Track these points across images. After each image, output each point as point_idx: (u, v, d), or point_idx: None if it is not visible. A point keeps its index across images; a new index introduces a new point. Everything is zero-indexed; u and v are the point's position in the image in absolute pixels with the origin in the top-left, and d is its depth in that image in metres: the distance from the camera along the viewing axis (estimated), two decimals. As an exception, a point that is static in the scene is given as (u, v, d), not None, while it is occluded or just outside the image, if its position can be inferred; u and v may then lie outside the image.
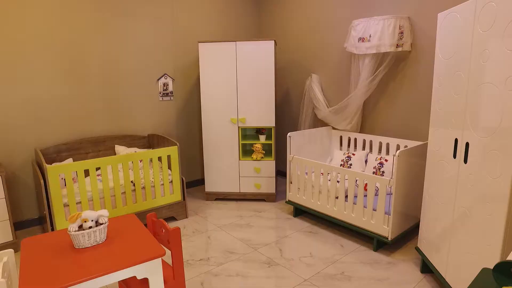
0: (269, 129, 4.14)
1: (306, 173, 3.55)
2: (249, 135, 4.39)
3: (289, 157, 3.66)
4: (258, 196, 4.17)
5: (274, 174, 4.08)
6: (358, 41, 3.43)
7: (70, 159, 3.61)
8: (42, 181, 2.90)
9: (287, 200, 3.76)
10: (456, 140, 2.14)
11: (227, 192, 4.20)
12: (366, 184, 3.10)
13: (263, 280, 2.62)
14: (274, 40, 3.80)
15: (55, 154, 3.60)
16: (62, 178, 3.25)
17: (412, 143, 3.33)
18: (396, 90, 3.53)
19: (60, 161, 3.63)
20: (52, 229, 3.01)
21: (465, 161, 2.04)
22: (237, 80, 3.92)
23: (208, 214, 3.86)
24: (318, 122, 4.30)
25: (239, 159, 4.08)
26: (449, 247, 2.23)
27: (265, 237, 3.28)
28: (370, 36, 3.33)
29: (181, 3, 4.29)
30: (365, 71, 3.51)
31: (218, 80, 3.94)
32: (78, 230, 1.72)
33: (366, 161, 3.64)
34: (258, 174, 4.09)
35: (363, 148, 3.87)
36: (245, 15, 4.88)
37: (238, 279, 2.63)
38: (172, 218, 3.72)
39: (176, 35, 4.31)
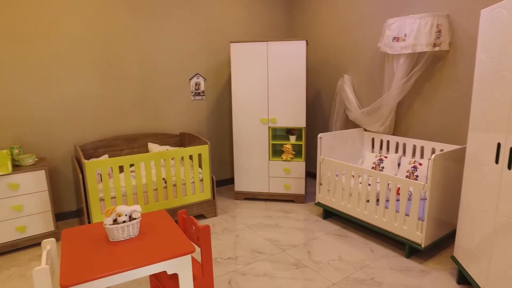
0: (300, 129, 4.11)
1: (337, 175, 3.49)
2: (279, 136, 4.38)
3: (319, 158, 3.62)
4: (287, 197, 4.15)
5: (303, 175, 4.05)
6: (393, 41, 3.34)
7: (106, 155, 3.76)
8: (80, 175, 3.04)
9: (316, 201, 3.72)
10: (498, 145, 2.03)
11: (256, 192, 4.21)
12: (398, 188, 3.01)
13: (290, 282, 2.60)
14: (306, 40, 3.77)
15: (92, 150, 3.76)
16: (98, 174, 3.39)
17: (448, 147, 3.20)
18: (432, 91, 3.40)
19: (97, 157, 3.78)
20: (89, 222, 3.14)
21: (509, 167, 1.93)
22: (268, 80, 3.92)
23: (237, 213, 3.89)
24: (349, 124, 4.22)
25: (269, 159, 4.08)
26: (490, 259, 2.11)
27: (294, 238, 3.26)
28: (405, 36, 3.22)
29: (214, 4, 4.35)
30: (399, 72, 3.41)
31: (249, 80, 3.96)
32: (112, 224, 1.78)
33: (399, 165, 3.53)
34: (288, 174, 4.07)
35: (396, 151, 3.75)
36: (277, 15, 4.88)
37: (266, 280, 2.63)
38: (201, 216, 3.78)
39: (208, 35, 4.37)
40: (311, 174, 5.08)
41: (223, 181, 4.85)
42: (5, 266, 2.90)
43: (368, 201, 3.15)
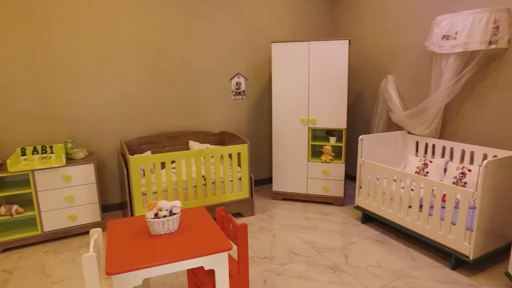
0: (340, 131, 4.03)
1: (378, 179, 3.38)
2: (319, 136, 4.33)
3: (359, 161, 3.52)
4: (325, 199, 4.09)
5: (343, 178, 3.97)
6: (442, 39, 3.17)
7: (149, 152, 3.91)
8: (125, 170, 3.19)
9: (355, 205, 3.63)
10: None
11: (294, 193, 4.19)
12: (444, 195, 2.85)
13: (326, 285, 2.56)
14: (349, 40, 3.68)
15: (136, 146, 3.93)
16: (141, 169, 3.54)
17: (503, 153, 2.98)
18: (485, 92, 3.19)
19: (140, 153, 3.95)
20: (132, 215, 3.29)
21: None
22: (309, 80, 3.88)
23: (274, 213, 3.89)
24: (392, 126, 4.07)
25: (308, 160, 4.04)
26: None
27: (331, 241, 3.21)
28: (456, 33, 3.05)
29: (255, 4, 4.38)
30: (448, 72, 3.23)
31: (290, 80, 3.94)
32: (154, 218, 1.86)
33: (445, 170, 3.35)
34: (327, 176, 4.01)
35: (442, 156, 3.56)
36: (318, 14, 4.81)
37: (301, 281, 2.61)
38: (239, 214, 3.82)
39: (249, 35, 4.41)
40: (350, 177, 4.96)
41: (261, 180, 4.88)
42: (59, 251, 3.12)
43: (410, 207, 3.02)
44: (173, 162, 3.86)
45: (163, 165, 3.96)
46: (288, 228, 3.51)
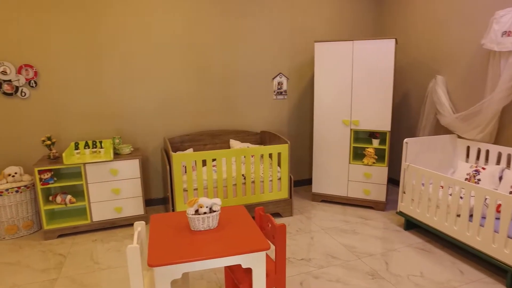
0: (384, 133, 3.89)
1: (423, 184, 3.23)
2: (361, 138, 4.21)
3: (404, 165, 3.38)
4: (366, 202, 3.97)
5: (385, 182, 3.83)
6: (502, 36, 2.95)
7: (191, 149, 4.02)
8: (168, 166, 3.30)
9: (398, 211, 3.49)
10: None
11: (333, 195, 4.11)
12: (499, 205, 2.66)
13: (365, 292, 2.49)
14: (395, 39, 3.54)
15: (179, 144, 4.05)
16: (183, 166, 3.64)
17: None
18: (549, 96, 2.93)
19: (183, 150, 4.07)
20: (173, 210, 3.40)
21: None
22: (352, 80, 3.79)
23: (312, 214, 3.84)
24: (440, 129, 3.86)
25: (349, 163, 3.95)
26: None
27: (371, 247, 3.11)
28: (518, 31, 2.83)
29: (298, 3, 4.34)
30: (508, 72, 3.01)
31: (333, 80, 3.87)
32: (194, 214, 1.90)
33: (500, 178, 3.12)
34: (368, 179, 3.89)
35: (498, 162, 3.32)
36: (363, 12, 4.67)
37: (338, 286, 2.56)
38: (277, 215, 3.81)
39: (292, 34, 4.38)
40: (393, 181, 4.78)
41: (301, 181, 4.84)
42: (105, 240, 3.30)
43: (458, 215, 2.85)
44: (214, 160, 3.93)
45: (204, 162, 4.05)
46: (327, 230, 3.45)
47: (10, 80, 3.45)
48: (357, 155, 4.19)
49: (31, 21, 3.43)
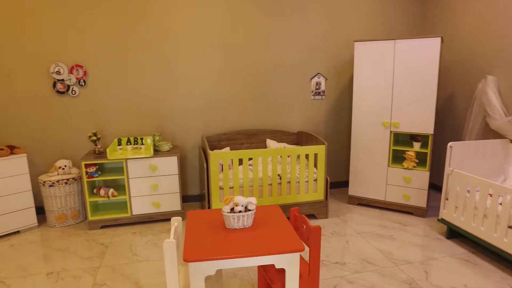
0: (426, 136, 3.72)
1: (468, 191, 3.05)
2: (401, 141, 4.06)
3: (447, 170, 3.22)
4: (405, 208, 3.82)
5: (426, 187, 3.66)
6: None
7: (228, 148, 4.07)
8: (205, 164, 3.37)
9: (439, 218, 3.33)
10: None
11: (371, 199, 4.00)
12: (554, 216, 2.46)
13: (402, 300, 2.40)
14: (441, 37, 3.38)
15: (216, 142, 4.12)
16: (220, 164, 3.69)
17: None
18: None
19: (220, 148, 4.13)
20: (209, 207, 3.46)
21: None
22: (393, 81, 3.66)
23: (348, 217, 3.76)
24: (489, 133, 3.63)
25: (388, 166, 3.82)
26: None
27: (409, 254, 2.99)
28: None
29: (338, 2, 4.25)
30: None
31: (373, 81, 3.76)
32: (230, 212, 1.93)
33: (557, 187, 2.88)
34: (408, 184, 3.74)
35: (555, 171, 3.07)
36: (406, 10, 4.49)
37: (374, 292, 2.48)
38: (312, 216, 3.77)
39: (331, 34, 4.31)
40: (435, 187, 4.56)
41: (337, 183, 4.75)
42: (143, 233, 3.43)
43: (510, 227, 2.66)
44: (250, 159, 3.96)
45: (240, 161, 4.09)
46: (363, 234, 3.37)
47: (63, 80, 3.69)
48: (397, 158, 4.04)
49: (81, 24, 3.64)
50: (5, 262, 2.94)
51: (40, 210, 3.76)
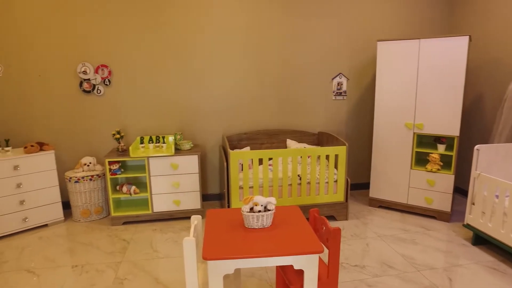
0: (451, 138, 3.61)
1: (497, 196, 2.94)
2: (425, 143, 3.96)
3: (474, 173, 3.11)
4: (428, 211, 3.73)
5: (451, 191, 3.56)
6: None
7: (248, 148, 4.08)
8: (225, 163, 3.39)
9: (465, 223, 3.22)
10: None
11: (392, 201, 3.92)
12: None
13: (424, 307, 2.34)
14: (469, 36, 3.27)
15: (236, 142, 4.14)
16: (240, 163, 3.71)
17: None
18: None
19: (240, 148, 4.15)
20: (228, 206, 3.48)
21: None
22: (417, 81, 3.57)
23: (369, 220, 3.70)
24: (521, 136, 3.49)
25: (411, 168, 3.73)
26: None
27: (432, 260, 2.91)
28: None
29: (361, 1, 4.18)
30: None
31: (396, 81, 3.69)
32: (249, 212, 1.93)
33: None
34: (431, 187, 3.65)
35: None
36: (432, 8, 4.36)
37: (395, 297, 2.43)
38: (332, 218, 3.73)
39: (353, 33, 4.25)
40: (460, 191, 4.42)
41: (358, 185, 4.68)
42: (164, 231, 3.49)
43: (539, 233, 2.55)
44: (270, 159, 3.96)
45: (260, 161, 4.10)
46: (384, 238, 3.30)
47: (89, 79, 3.80)
48: (420, 160, 3.94)
49: (107, 25, 3.73)
50: (35, 254, 3.06)
51: (66, 205, 3.89)
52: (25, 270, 2.82)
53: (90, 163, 3.70)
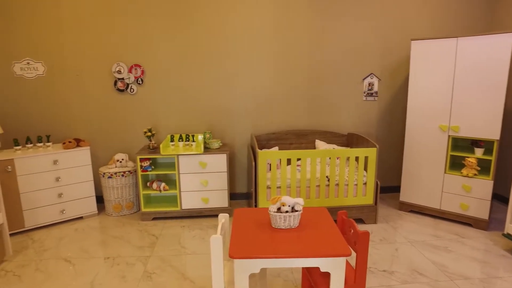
0: (490, 142, 3.44)
1: (539, 204, 2.77)
2: (460, 146, 3.79)
3: (515, 180, 2.95)
4: (463, 218, 3.57)
5: (489, 197, 3.39)
6: None
7: (276, 147, 4.08)
8: (253, 163, 3.40)
9: (505, 232, 3.06)
10: None
11: (424, 206, 3.79)
12: None
13: (457, 317, 2.24)
14: (514, 35, 3.10)
15: (265, 141, 4.14)
16: (268, 163, 3.71)
17: None
18: None
19: (269, 148, 4.15)
20: (255, 205, 3.49)
21: None
22: (454, 82, 3.43)
23: (399, 224, 3.60)
24: None
25: (445, 172, 3.59)
26: None
27: (467, 269, 2.78)
28: None
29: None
30: None
31: (431, 82, 3.55)
32: (276, 212, 1.93)
33: None
34: (467, 193, 3.49)
35: None
36: (471, 4, 4.16)
37: (426, 305, 2.35)
38: (360, 221, 3.66)
39: (385, 33, 4.13)
40: (499, 197, 4.20)
41: (388, 188, 4.56)
42: (191, 227, 3.55)
43: None
44: (298, 159, 3.93)
45: (289, 161, 4.08)
46: (414, 243, 3.19)
47: (123, 78, 3.93)
48: (455, 164, 3.78)
49: (141, 26, 3.85)
50: (71, 244, 3.22)
51: (99, 199, 4.04)
52: (62, 258, 2.96)
53: (122, 159, 3.83)
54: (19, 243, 3.25)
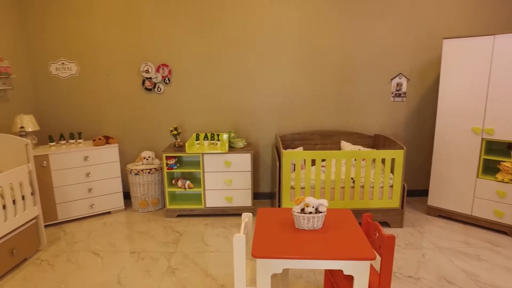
0: (527, 146, 3.27)
1: None
2: (495, 150, 3.63)
3: (554, 186, 2.79)
4: (496, 226, 3.41)
5: (525, 204, 3.22)
6: None
7: (301, 148, 4.05)
8: (277, 163, 3.39)
9: (540, 240, 2.90)
10: None
11: (453, 211, 3.65)
12: None
13: (488, 328, 2.15)
14: (556, 33, 2.93)
15: (289, 142, 4.13)
16: (292, 163, 3.69)
17: None
18: None
19: (293, 148, 4.13)
20: (279, 205, 3.48)
21: None
22: (489, 82, 3.28)
23: (426, 229, 3.48)
24: None
25: (477, 177, 3.44)
26: None
27: (501, 280, 2.66)
28: None
29: (430, -3, 3.94)
30: None
31: (463, 82, 3.42)
32: (300, 213, 1.92)
33: None
34: (502, 199, 3.33)
35: None
36: (505, 2, 3.97)
37: (454, 314, 2.26)
38: (385, 224, 3.57)
39: (414, 31, 4.01)
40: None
41: (415, 191, 4.43)
42: (215, 225, 3.59)
43: None
44: (323, 160, 3.89)
45: (313, 162, 4.04)
46: (442, 250, 3.09)
47: (150, 78, 4.03)
48: (489, 169, 3.62)
49: (168, 26, 3.93)
50: (99, 237, 3.34)
51: (126, 195, 4.16)
52: (91, 251, 3.08)
53: (149, 157, 3.92)
54: (53, 234, 3.41)
